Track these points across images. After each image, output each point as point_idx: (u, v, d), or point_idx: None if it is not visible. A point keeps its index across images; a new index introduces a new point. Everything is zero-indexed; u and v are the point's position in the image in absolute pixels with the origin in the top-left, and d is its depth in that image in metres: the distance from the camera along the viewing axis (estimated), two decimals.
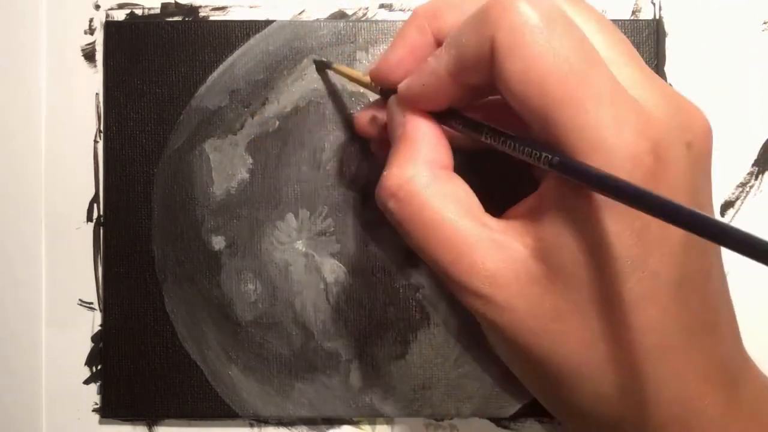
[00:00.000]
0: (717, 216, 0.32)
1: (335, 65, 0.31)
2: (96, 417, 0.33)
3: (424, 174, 0.23)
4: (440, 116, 0.24)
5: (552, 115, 0.20)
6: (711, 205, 0.23)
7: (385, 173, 0.23)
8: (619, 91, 0.20)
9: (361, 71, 0.30)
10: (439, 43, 0.24)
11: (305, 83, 0.32)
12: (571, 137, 0.19)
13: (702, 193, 0.22)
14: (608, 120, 0.19)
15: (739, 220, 0.32)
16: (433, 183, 0.22)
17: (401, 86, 0.24)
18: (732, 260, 0.32)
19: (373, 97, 0.30)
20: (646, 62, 0.32)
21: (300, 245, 0.32)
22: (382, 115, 0.27)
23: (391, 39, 0.26)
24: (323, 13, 0.33)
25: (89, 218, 0.33)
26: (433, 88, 0.23)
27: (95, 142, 0.33)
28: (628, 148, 0.19)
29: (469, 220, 0.22)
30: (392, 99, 0.25)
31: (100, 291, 0.33)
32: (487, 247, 0.22)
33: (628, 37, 0.32)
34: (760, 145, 0.32)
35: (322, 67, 0.32)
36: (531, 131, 0.21)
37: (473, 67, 0.21)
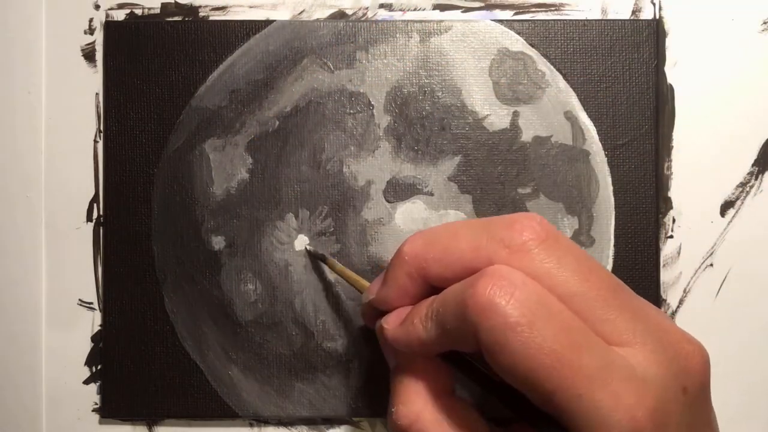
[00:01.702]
0: (717, 217, 0.32)
1: (329, 260, 0.31)
2: (96, 417, 0.33)
3: (430, 410, 0.24)
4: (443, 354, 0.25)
5: (549, 401, 0.20)
6: (711, 426, 0.23)
7: (393, 410, 0.24)
8: (610, 365, 0.20)
9: (352, 271, 0.30)
10: (429, 284, 0.24)
11: (305, 83, 0.32)
12: (571, 422, 0.20)
13: (699, 423, 0.22)
14: (604, 399, 0.20)
15: (740, 220, 0.32)
16: (440, 418, 0.23)
17: (389, 329, 0.25)
18: (732, 260, 0.32)
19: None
20: (645, 62, 0.32)
21: (300, 245, 0.32)
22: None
23: (384, 271, 0.26)
24: (323, 13, 0.33)
25: (89, 218, 0.33)
26: (421, 352, 0.24)
27: (95, 142, 0.33)
28: (628, 423, 0.20)
29: None
30: (385, 322, 0.25)
31: (100, 291, 0.33)
32: None
33: (627, 37, 0.32)
34: (760, 145, 0.32)
35: (315, 258, 0.32)
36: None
37: (459, 345, 0.22)
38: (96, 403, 0.33)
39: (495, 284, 0.20)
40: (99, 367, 0.33)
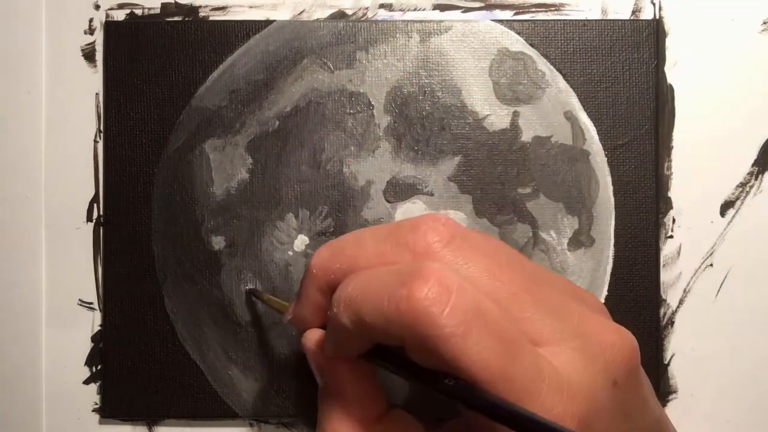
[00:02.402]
0: (717, 217, 0.32)
1: (265, 297, 0.30)
2: (96, 417, 0.33)
3: None
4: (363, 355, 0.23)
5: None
6: (648, 414, 0.23)
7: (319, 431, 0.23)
8: (540, 373, 0.19)
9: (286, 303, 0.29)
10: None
11: (305, 83, 0.32)
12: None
13: (636, 413, 0.22)
14: (534, 408, 0.19)
15: (740, 220, 0.32)
16: None
17: (311, 347, 0.24)
18: (732, 260, 0.32)
19: None
20: (645, 62, 0.32)
21: (300, 245, 0.32)
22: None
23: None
24: (323, 13, 0.33)
25: (89, 218, 0.33)
26: (344, 349, 0.23)
27: (95, 142, 0.33)
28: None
29: None
30: (307, 340, 0.24)
31: (100, 291, 0.33)
32: None
33: (627, 37, 0.32)
34: (760, 145, 0.32)
35: (252, 296, 0.32)
36: None
37: (377, 337, 0.21)
38: (96, 403, 0.33)
39: (431, 289, 0.19)
40: (99, 367, 0.33)
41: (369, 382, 0.23)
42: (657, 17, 0.33)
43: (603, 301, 0.32)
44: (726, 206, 0.32)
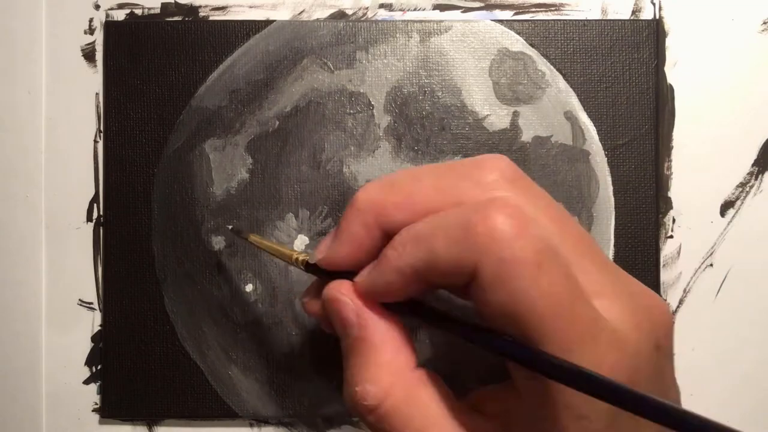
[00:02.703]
0: (717, 217, 0.32)
1: (250, 237, 0.29)
2: (96, 417, 0.33)
3: (399, 386, 0.21)
4: (397, 307, 0.22)
5: (534, 345, 0.19)
6: (674, 385, 0.23)
7: (356, 389, 0.22)
8: (597, 321, 0.19)
9: (281, 244, 0.27)
10: (387, 237, 0.22)
11: (305, 83, 0.32)
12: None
13: (667, 380, 0.22)
14: (590, 359, 0.19)
15: (739, 220, 0.32)
16: (411, 394, 0.21)
17: (362, 283, 0.22)
18: (732, 260, 0.32)
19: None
20: (645, 62, 0.32)
21: (300, 245, 0.32)
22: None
23: (340, 225, 0.23)
24: (323, 13, 0.33)
25: (89, 218, 0.33)
26: (397, 285, 0.21)
27: (95, 142, 0.33)
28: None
29: (451, 419, 0.21)
30: (336, 290, 0.23)
31: (100, 291, 0.33)
32: None
33: (627, 37, 0.32)
34: (760, 145, 0.32)
35: (237, 234, 0.31)
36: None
37: (445, 275, 0.20)
38: (96, 403, 0.33)
39: (509, 214, 0.19)
40: (99, 367, 0.33)
41: (405, 334, 0.22)
42: (657, 17, 0.33)
43: None
44: (726, 206, 0.32)
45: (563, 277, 0.19)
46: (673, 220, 0.32)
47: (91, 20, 0.33)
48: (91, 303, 0.33)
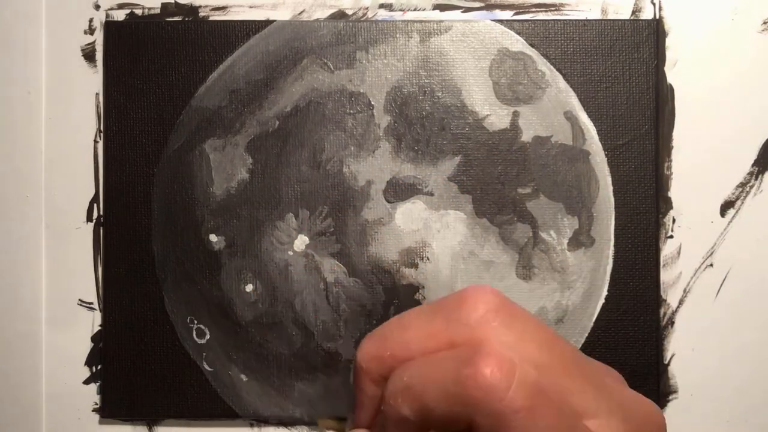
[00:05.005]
0: (717, 217, 0.32)
1: (320, 421, 0.29)
2: (96, 417, 0.33)
3: None
4: None
5: None
6: None
7: None
8: None
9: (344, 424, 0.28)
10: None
11: (305, 83, 0.32)
12: None
13: None
14: None
15: (739, 220, 0.32)
16: None
17: None
18: (732, 260, 0.32)
19: None
20: (645, 62, 0.32)
21: (300, 245, 0.32)
22: None
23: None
24: (323, 13, 0.33)
25: (89, 218, 0.33)
26: None
27: (95, 142, 0.33)
28: None
29: None
30: None
31: (100, 291, 0.33)
32: None
33: (627, 37, 0.32)
34: (760, 145, 0.32)
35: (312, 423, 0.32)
36: None
37: (441, 425, 0.21)
38: (96, 403, 0.33)
39: (496, 364, 0.20)
40: (99, 367, 0.33)
41: None
42: (657, 17, 0.33)
43: (603, 301, 0.32)
44: (726, 206, 0.32)
45: (557, 412, 0.20)
46: (673, 220, 0.32)
47: (91, 20, 0.33)
48: (91, 303, 0.33)
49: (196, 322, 0.32)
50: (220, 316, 0.32)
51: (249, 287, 0.32)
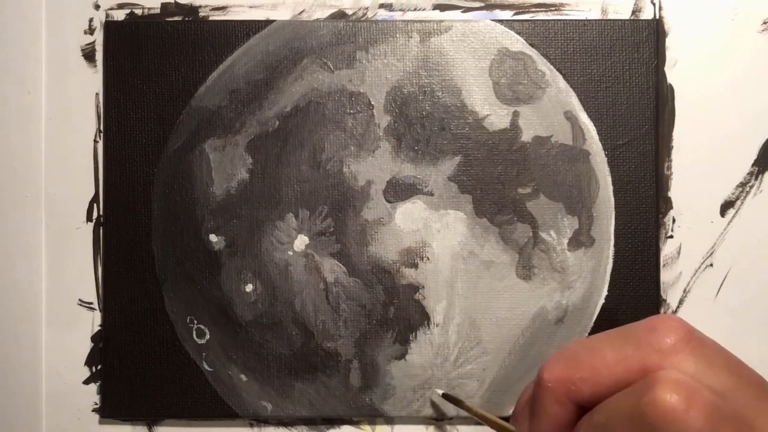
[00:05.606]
0: (717, 217, 0.32)
1: (466, 403, 0.30)
2: (96, 417, 0.33)
3: None
4: None
5: None
6: None
7: None
8: None
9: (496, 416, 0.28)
10: (579, 409, 0.24)
11: (305, 83, 0.32)
12: None
13: None
14: None
15: (739, 220, 0.32)
16: None
17: None
18: (732, 260, 0.32)
19: None
20: (645, 62, 0.32)
21: (300, 245, 0.32)
22: None
23: (524, 408, 0.25)
24: (323, 13, 0.33)
25: (89, 218, 0.33)
26: None
27: (95, 142, 0.33)
28: None
29: None
30: None
31: (100, 291, 0.33)
32: None
33: (627, 37, 0.32)
34: (760, 145, 0.32)
35: (450, 401, 0.31)
36: None
37: None
38: (96, 403, 0.33)
39: (674, 391, 0.20)
40: (99, 367, 0.33)
41: None
42: (657, 17, 0.33)
43: (603, 301, 0.32)
44: (726, 206, 0.32)
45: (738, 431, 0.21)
46: (673, 220, 0.32)
47: (91, 20, 0.33)
48: (91, 303, 0.33)
49: (196, 322, 0.32)
50: (220, 316, 0.32)
51: (249, 287, 0.32)
